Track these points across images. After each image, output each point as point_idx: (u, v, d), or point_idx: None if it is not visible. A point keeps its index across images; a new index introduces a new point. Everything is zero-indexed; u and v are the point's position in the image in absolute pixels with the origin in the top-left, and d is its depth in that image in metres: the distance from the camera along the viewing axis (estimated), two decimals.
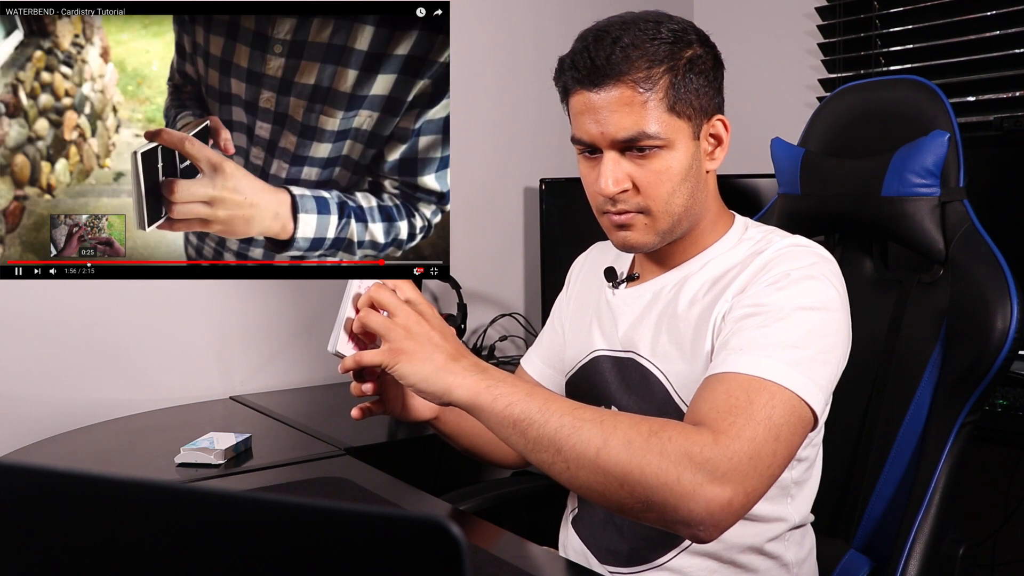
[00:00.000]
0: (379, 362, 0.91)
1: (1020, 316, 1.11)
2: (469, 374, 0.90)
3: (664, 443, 0.83)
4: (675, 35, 1.01)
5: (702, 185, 1.05)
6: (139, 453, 1.47)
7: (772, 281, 0.98)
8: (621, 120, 0.99)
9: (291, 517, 0.41)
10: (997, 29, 2.04)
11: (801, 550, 1.08)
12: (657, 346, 1.07)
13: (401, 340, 0.91)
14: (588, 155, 1.05)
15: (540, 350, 1.30)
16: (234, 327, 1.93)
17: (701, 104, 1.02)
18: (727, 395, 0.89)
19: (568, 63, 1.03)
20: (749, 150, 2.08)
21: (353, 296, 0.97)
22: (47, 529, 0.45)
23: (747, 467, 0.84)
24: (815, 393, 0.91)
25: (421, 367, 0.89)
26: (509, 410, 0.87)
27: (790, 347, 0.92)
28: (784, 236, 1.06)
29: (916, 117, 1.25)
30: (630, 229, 1.04)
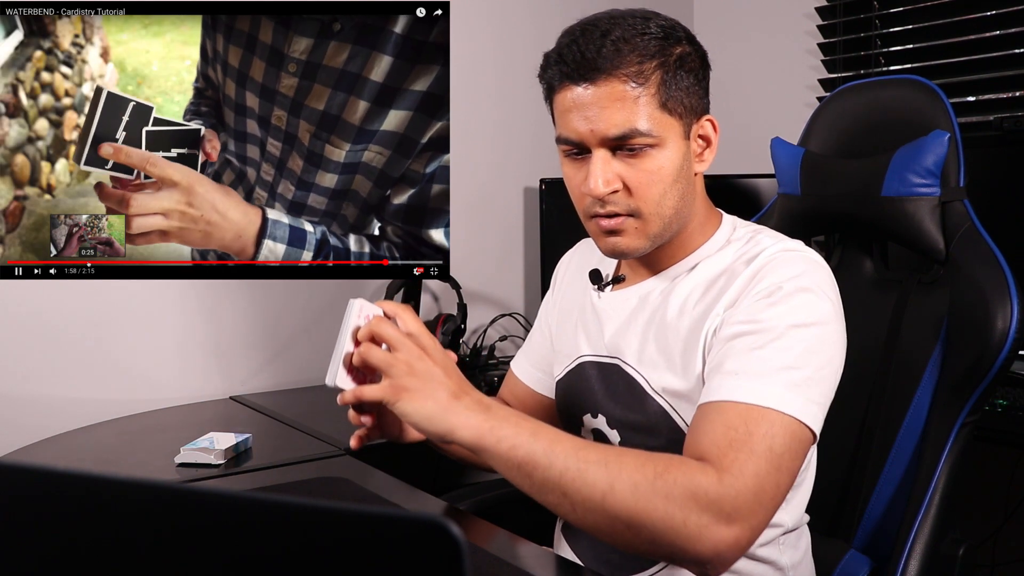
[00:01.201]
0: (380, 398, 0.89)
1: (1020, 316, 1.11)
2: (473, 414, 0.88)
3: (670, 485, 0.83)
4: (664, 31, 0.98)
5: (691, 187, 1.03)
6: (139, 453, 1.47)
7: (764, 295, 0.95)
8: (612, 116, 0.95)
9: (291, 517, 0.41)
10: (997, 29, 2.04)
11: (796, 552, 1.07)
12: (644, 354, 1.05)
13: (403, 377, 0.88)
14: (575, 156, 1.01)
15: (529, 354, 1.28)
16: (234, 327, 1.93)
17: (691, 103, 1.00)
18: (726, 427, 0.88)
19: (554, 58, 0.99)
20: (749, 150, 2.08)
21: (352, 329, 0.93)
22: (47, 529, 0.45)
23: (752, 504, 0.84)
24: (814, 412, 0.91)
25: (423, 405, 0.88)
26: (513, 452, 0.86)
27: (786, 369, 0.90)
28: (773, 237, 1.03)
29: (916, 117, 1.25)
30: (620, 234, 1.01)
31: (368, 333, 0.91)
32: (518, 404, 1.27)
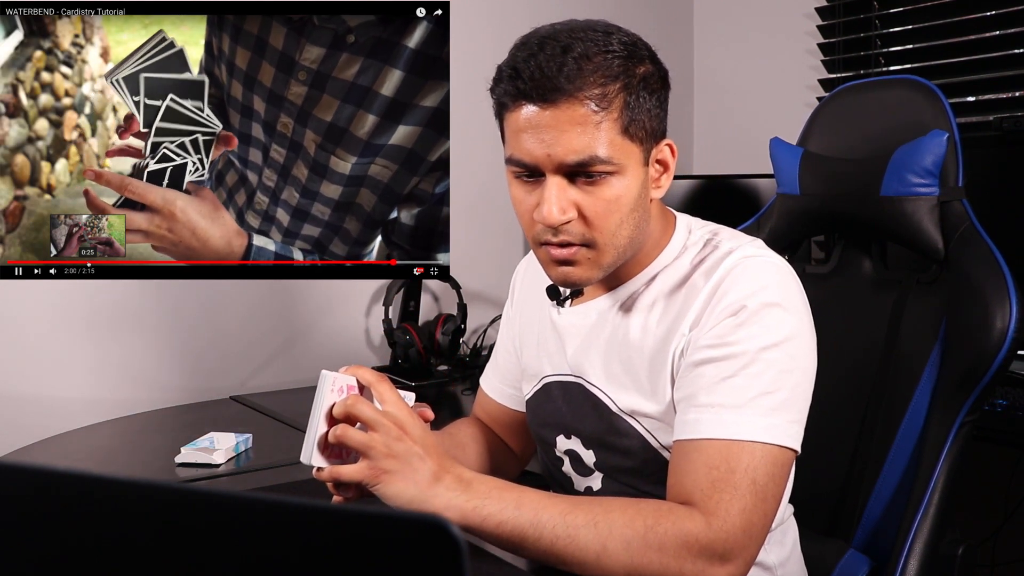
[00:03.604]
0: (360, 480, 0.87)
1: (1019, 316, 1.11)
2: (455, 495, 0.86)
3: (661, 537, 0.85)
4: (628, 49, 0.92)
5: (647, 215, 0.97)
6: (139, 453, 1.47)
7: (730, 313, 0.92)
8: (571, 142, 0.89)
9: (291, 517, 0.41)
10: (997, 29, 2.04)
11: (783, 549, 1.07)
12: (611, 374, 1.02)
13: (382, 459, 0.86)
14: (526, 179, 0.94)
15: (496, 369, 1.24)
16: (234, 327, 1.93)
17: (652, 126, 0.94)
18: (708, 468, 0.88)
19: (509, 73, 0.92)
20: (748, 150, 2.08)
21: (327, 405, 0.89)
22: (47, 529, 0.45)
23: (743, 540, 0.86)
24: (794, 432, 0.91)
25: (404, 489, 0.86)
26: (501, 529, 0.86)
27: (761, 395, 0.89)
28: (731, 240, 0.99)
29: (915, 117, 1.25)
30: (572, 265, 0.95)
31: (344, 412, 0.88)
32: (491, 422, 1.24)
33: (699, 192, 2.21)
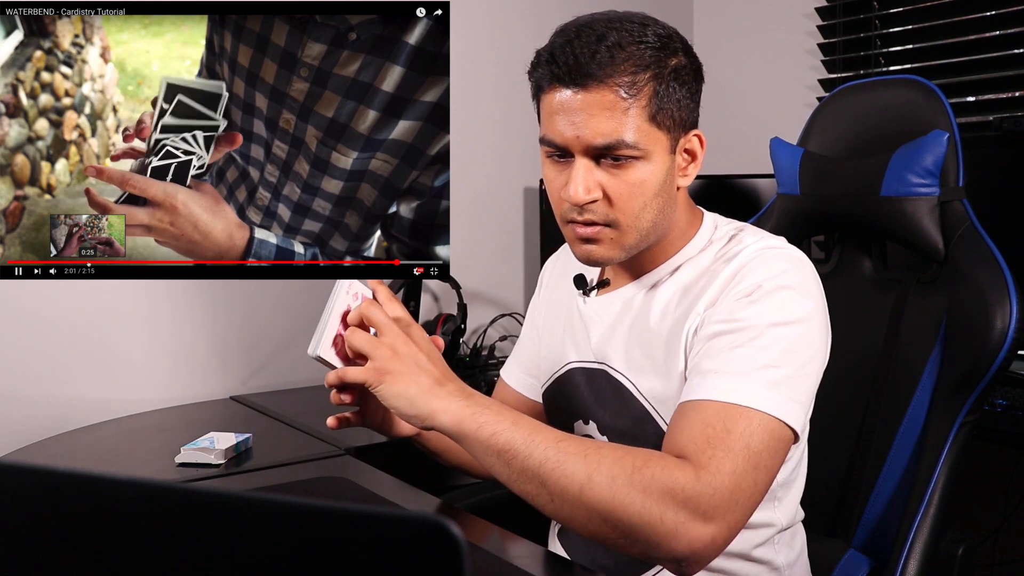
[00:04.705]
0: (363, 380, 0.90)
1: (1019, 316, 1.11)
2: (455, 399, 0.88)
3: (647, 480, 0.83)
4: (661, 40, 0.96)
5: (672, 201, 1.01)
6: (139, 453, 1.47)
7: (744, 294, 0.94)
8: (600, 125, 0.93)
9: (291, 517, 0.41)
10: (997, 29, 2.04)
11: (792, 551, 1.07)
12: (631, 360, 1.04)
13: (387, 360, 0.89)
14: (557, 158, 0.99)
15: (520, 359, 1.27)
16: (234, 327, 1.93)
17: (681, 116, 0.98)
18: (704, 425, 0.88)
19: (546, 57, 0.96)
20: (748, 150, 2.08)
21: (341, 308, 0.94)
22: (47, 529, 0.45)
23: (729, 502, 0.84)
24: (795, 411, 0.90)
25: (406, 389, 0.88)
26: (494, 439, 0.86)
27: (766, 367, 0.90)
28: (755, 235, 1.02)
29: (915, 117, 1.25)
30: (595, 243, 0.99)
31: (358, 316, 0.93)
32: None
33: (699, 192, 2.21)
